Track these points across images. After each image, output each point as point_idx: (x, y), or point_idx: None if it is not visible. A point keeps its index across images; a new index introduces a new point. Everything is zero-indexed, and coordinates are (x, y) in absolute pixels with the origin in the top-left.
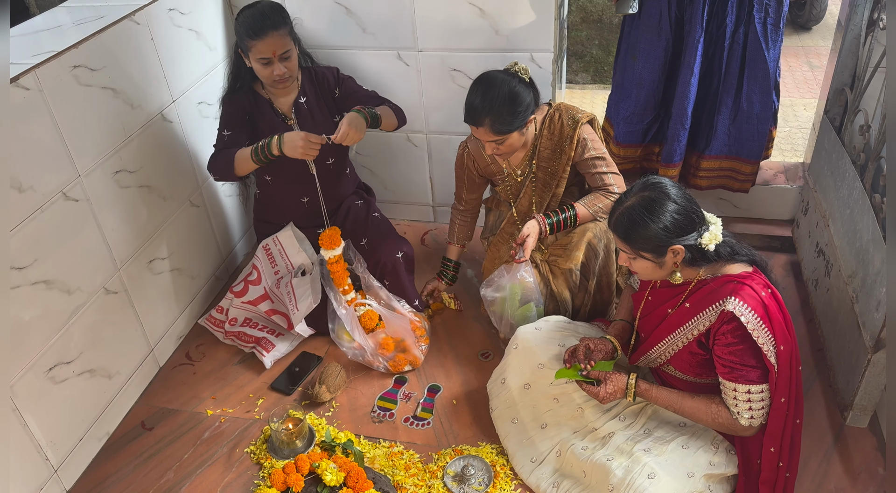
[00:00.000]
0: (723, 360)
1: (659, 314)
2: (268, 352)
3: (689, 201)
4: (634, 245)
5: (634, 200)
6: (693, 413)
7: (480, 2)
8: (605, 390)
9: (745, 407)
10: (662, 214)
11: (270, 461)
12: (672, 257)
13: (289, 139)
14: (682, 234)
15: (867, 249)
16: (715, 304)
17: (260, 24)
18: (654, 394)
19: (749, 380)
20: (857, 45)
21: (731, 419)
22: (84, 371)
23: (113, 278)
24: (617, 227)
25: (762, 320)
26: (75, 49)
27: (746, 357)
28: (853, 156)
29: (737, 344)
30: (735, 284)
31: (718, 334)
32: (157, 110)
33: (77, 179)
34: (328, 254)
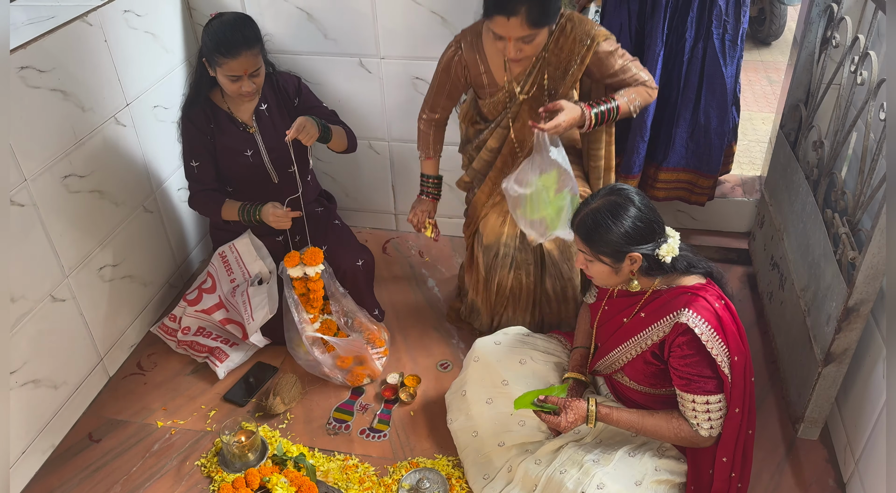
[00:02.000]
0: (679, 372)
1: (615, 323)
2: (221, 362)
3: (652, 211)
4: (594, 247)
5: (600, 202)
6: (655, 431)
7: (443, 10)
8: (566, 420)
9: (704, 418)
10: (625, 219)
11: (221, 475)
12: (629, 265)
13: (263, 212)
14: (642, 242)
15: (819, 263)
16: (669, 315)
17: (233, 41)
18: (616, 417)
19: (706, 391)
20: (811, 62)
21: (691, 432)
22: (28, 382)
23: (61, 285)
24: (580, 227)
25: (716, 331)
26: (23, 49)
27: (702, 368)
28: (807, 171)
29: (692, 356)
30: (689, 295)
31: (673, 345)
32: (109, 114)
33: (23, 184)
34: (311, 270)
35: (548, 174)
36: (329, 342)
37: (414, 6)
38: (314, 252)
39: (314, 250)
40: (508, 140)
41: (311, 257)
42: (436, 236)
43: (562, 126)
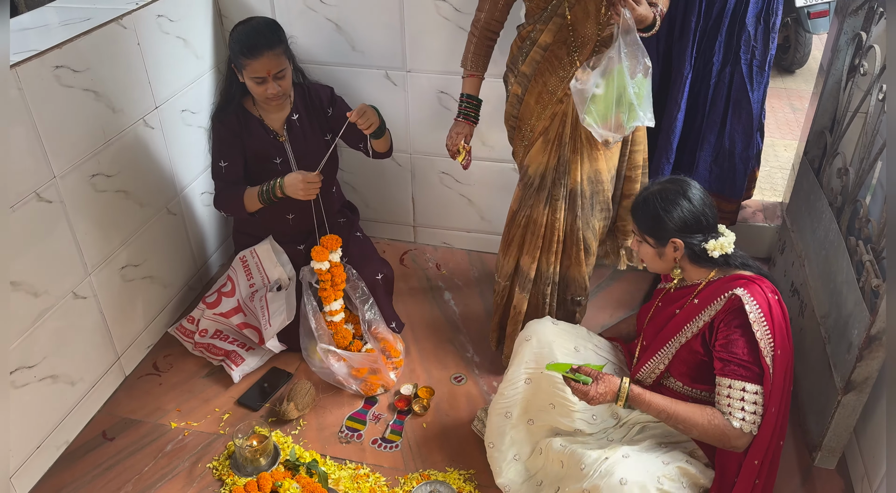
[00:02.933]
0: (720, 352)
1: (666, 315)
2: (237, 366)
3: (704, 206)
4: (641, 227)
5: (657, 187)
6: (687, 418)
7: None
8: (595, 390)
9: (738, 407)
10: (673, 206)
11: (232, 478)
12: (672, 251)
13: (289, 182)
14: (686, 231)
15: (841, 290)
16: (723, 294)
17: (255, 42)
18: (648, 398)
19: (744, 377)
20: (837, 89)
21: (724, 422)
22: (46, 377)
23: (83, 282)
24: (634, 207)
25: (765, 316)
26: (59, 49)
27: (743, 350)
28: (830, 198)
29: (736, 333)
30: (746, 280)
31: (721, 324)
32: (139, 116)
33: (52, 181)
34: (335, 256)
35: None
36: (342, 355)
37: (441, 21)
38: (332, 239)
39: (332, 237)
40: (563, 29)
41: (331, 243)
42: (466, 163)
43: (641, 13)
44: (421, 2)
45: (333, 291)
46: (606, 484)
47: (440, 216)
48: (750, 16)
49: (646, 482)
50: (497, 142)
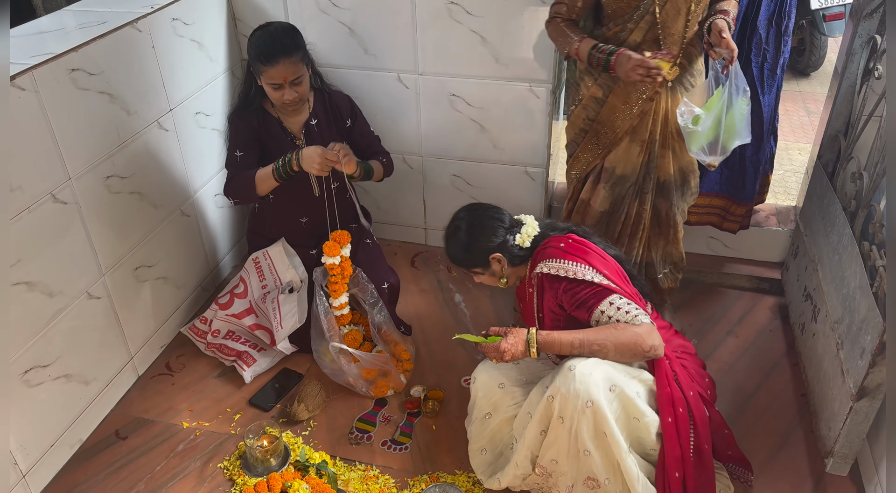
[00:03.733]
0: (574, 303)
1: (528, 306)
2: (248, 366)
3: (499, 214)
4: (465, 265)
5: (455, 226)
6: (602, 340)
7: (483, 30)
8: (505, 342)
9: (622, 314)
10: (480, 232)
11: (243, 478)
12: (497, 265)
13: (306, 154)
14: (500, 242)
15: (854, 295)
16: (534, 279)
17: (272, 49)
18: (556, 337)
19: (601, 296)
20: (852, 93)
21: (635, 327)
22: (60, 376)
23: (97, 283)
24: (449, 254)
25: (566, 259)
26: (75, 52)
27: (577, 290)
28: (844, 202)
29: (563, 284)
30: (542, 251)
31: (555, 293)
32: (153, 118)
33: (67, 182)
34: (345, 250)
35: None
36: (354, 354)
37: (454, 24)
38: (342, 234)
39: (342, 233)
40: (654, 27)
41: (342, 239)
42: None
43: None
44: (433, 5)
45: (342, 284)
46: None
47: None
48: (762, 19)
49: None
50: (508, 144)
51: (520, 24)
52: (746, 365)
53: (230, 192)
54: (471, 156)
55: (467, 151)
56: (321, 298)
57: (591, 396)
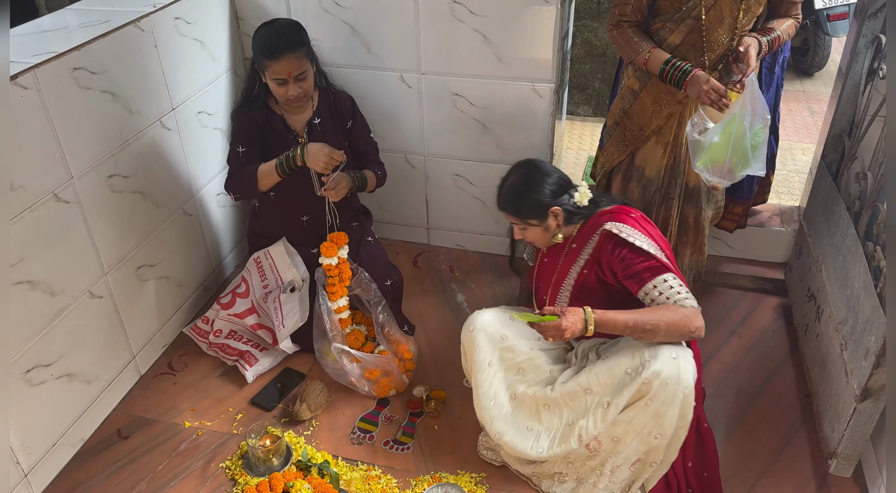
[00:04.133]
0: (629, 272)
1: (553, 267)
2: (250, 366)
3: (557, 171)
4: (522, 215)
5: (513, 177)
6: (655, 321)
7: (485, 29)
8: (566, 321)
9: (674, 294)
10: (539, 183)
11: (245, 478)
12: (553, 220)
13: (312, 150)
14: (557, 197)
15: (858, 296)
16: (595, 233)
17: (276, 44)
18: (612, 316)
19: (657, 272)
20: (856, 93)
21: (685, 308)
22: (62, 375)
23: (99, 282)
24: (504, 203)
25: (637, 229)
26: (77, 51)
27: (639, 256)
28: (848, 202)
29: (626, 250)
30: (609, 214)
31: (610, 256)
32: (156, 117)
33: (69, 181)
34: (343, 252)
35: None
36: (356, 355)
37: (457, 23)
38: (340, 235)
39: (339, 234)
40: (695, 31)
41: (339, 240)
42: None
43: (755, 60)
44: (436, 4)
45: (340, 287)
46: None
47: (454, 218)
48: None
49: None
50: (511, 144)
51: (523, 24)
52: (749, 366)
53: (231, 186)
54: (473, 155)
55: (470, 151)
56: (323, 297)
57: (689, 384)
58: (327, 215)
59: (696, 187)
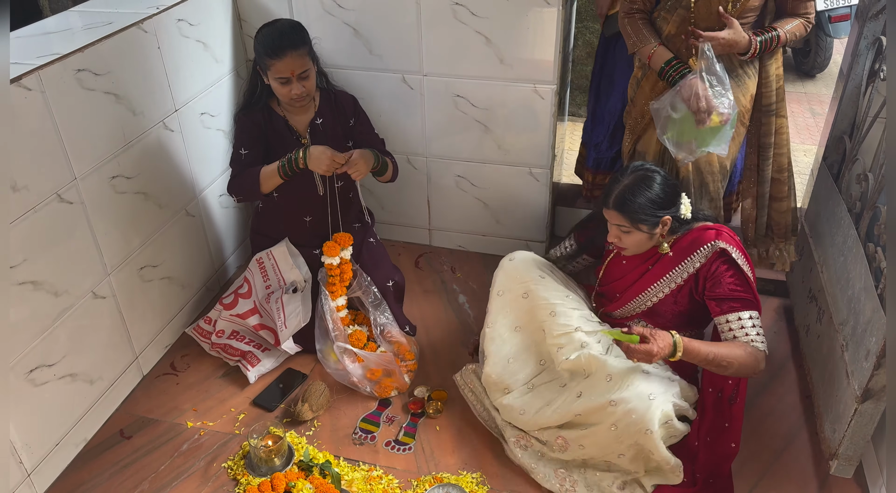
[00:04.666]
0: (724, 295)
1: (637, 272)
2: (253, 366)
3: (670, 179)
4: (633, 217)
5: (630, 179)
6: (731, 358)
7: (487, 31)
8: (657, 346)
9: (754, 333)
10: (654, 188)
11: (247, 478)
12: (661, 229)
13: (314, 153)
14: (669, 206)
15: (859, 297)
16: (703, 247)
17: (279, 43)
18: (696, 346)
19: (750, 306)
20: (857, 94)
21: (755, 349)
22: (66, 375)
23: (102, 282)
24: (617, 202)
25: (743, 255)
26: (80, 53)
27: (745, 284)
28: (849, 204)
29: (735, 273)
30: (714, 231)
31: (716, 273)
32: (159, 118)
33: (73, 182)
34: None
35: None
36: (358, 354)
37: (459, 25)
38: (344, 236)
39: (344, 235)
40: (686, 22)
41: (344, 241)
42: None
43: (721, 40)
44: (438, 6)
45: (340, 286)
46: (635, 396)
47: (456, 220)
48: None
49: (666, 397)
50: (513, 145)
51: (524, 25)
52: None
53: (234, 189)
54: (475, 157)
55: (471, 152)
56: (325, 298)
57: (651, 426)
58: (334, 215)
59: (685, 179)
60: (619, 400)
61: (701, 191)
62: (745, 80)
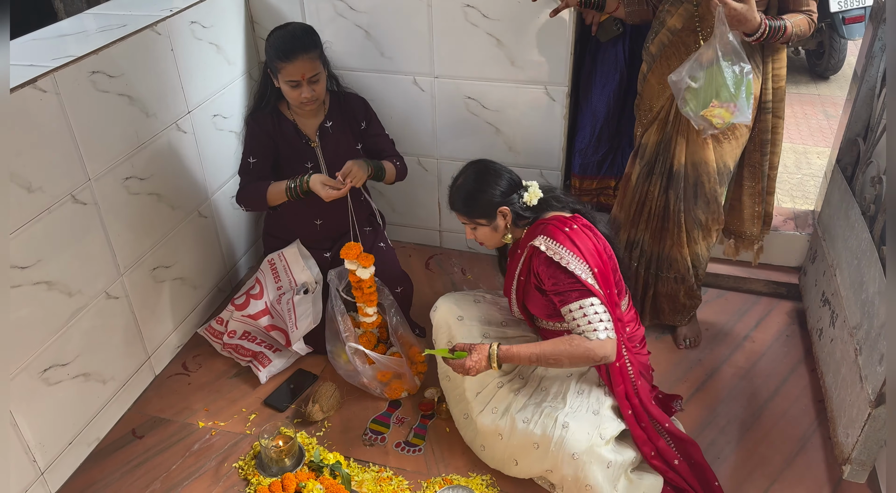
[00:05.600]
0: (551, 291)
1: (510, 272)
2: (264, 367)
3: (508, 171)
4: (471, 214)
5: (464, 177)
6: (552, 353)
7: (499, 33)
8: (470, 360)
9: (585, 322)
10: (488, 182)
11: (258, 478)
12: (502, 219)
13: (312, 183)
14: (506, 197)
15: (873, 301)
16: (526, 245)
17: (290, 46)
18: (515, 352)
19: (577, 297)
20: (871, 96)
21: (584, 340)
22: (79, 375)
23: (115, 283)
24: (454, 202)
25: (567, 247)
26: (95, 55)
27: (563, 277)
28: (863, 206)
29: (551, 270)
30: (544, 225)
31: (538, 269)
32: (171, 120)
33: (87, 183)
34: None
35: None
36: (369, 356)
37: (470, 27)
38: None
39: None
40: (692, 17)
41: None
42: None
43: (738, 10)
44: (449, 8)
45: (366, 301)
46: (563, 461)
47: None
48: None
49: (591, 445)
50: (523, 147)
51: (536, 27)
52: (763, 370)
53: (242, 200)
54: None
55: (482, 154)
56: (336, 299)
57: (589, 481)
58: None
59: (677, 172)
60: (552, 468)
61: (695, 189)
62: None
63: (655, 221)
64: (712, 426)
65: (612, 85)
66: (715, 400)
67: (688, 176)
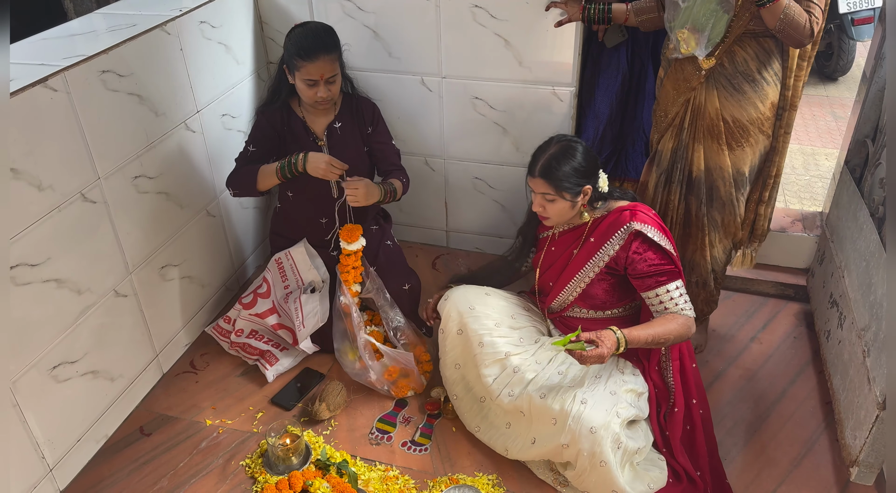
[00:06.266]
0: (647, 272)
1: (564, 258)
2: (271, 366)
3: (592, 153)
4: (558, 185)
5: (555, 148)
6: (667, 333)
7: (506, 33)
8: (605, 348)
9: (683, 301)
10: (578, 157)
11: (265, 476)
12: (582, 198)
13: (313, 158)
14: (590, 176)
15: (881, 303)
16: (619, 230)
17: (312, 45)
18: (636, 334)
19: (673, 277)
20: (880, 97)
21: (686, 318)
22: (87, 372)
23: (124, 281)
24: (543, 170)
25: (660, 230)
26: (105, 55)
27: (665, 257)
28: (871, 208)
29: (655, 251)
30: (629, 211)
31: (632, 253)
32: (181, 119)
33: (97, 182)
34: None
35: None
36: (379, 350)
37: (478, 28)
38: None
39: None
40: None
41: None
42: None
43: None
44: (458, 9)
45: (354, 273)
46: (581, 434)
47: (473, 222)
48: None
49: (608, 422)
50: (531, 148)
51: (543, 28)
52: (770, 372)
53: (232, 182)
54: (493, 159)
55: (490, 154)
56: (342, 289)
57: (605, 457)
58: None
59: (697, 178)
60: (568, 443)
61: (711, 193)
62: (763, 86)
63: (678, 228)
64: (719, 427)
65: (614, 87)
66: (722, 401)
67: (703, 180)
